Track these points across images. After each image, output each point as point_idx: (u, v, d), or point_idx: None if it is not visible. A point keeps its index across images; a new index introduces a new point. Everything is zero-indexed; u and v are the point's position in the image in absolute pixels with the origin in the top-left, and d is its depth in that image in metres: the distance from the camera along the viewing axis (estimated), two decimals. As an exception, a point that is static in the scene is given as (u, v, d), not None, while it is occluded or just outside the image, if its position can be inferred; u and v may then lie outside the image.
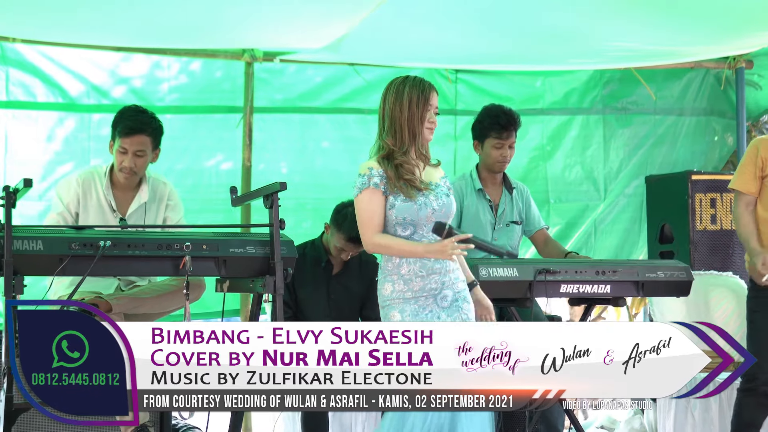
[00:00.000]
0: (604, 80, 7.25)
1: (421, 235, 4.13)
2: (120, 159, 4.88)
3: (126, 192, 4.99)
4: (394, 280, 4.13)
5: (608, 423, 6.92)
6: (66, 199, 4.91)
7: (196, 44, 6.23)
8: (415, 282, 4.11)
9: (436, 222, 4.07)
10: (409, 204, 4.11)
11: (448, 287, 4.15)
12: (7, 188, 3.95)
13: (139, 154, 4.88)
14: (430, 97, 4.18)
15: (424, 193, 4.15)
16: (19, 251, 3.91)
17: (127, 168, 4.88)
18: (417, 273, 4.11)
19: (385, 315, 4.15)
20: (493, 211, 5.58)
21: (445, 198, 4.19)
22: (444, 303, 4.14)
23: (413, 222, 4.12)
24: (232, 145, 6.45)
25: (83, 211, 4.90)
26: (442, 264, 4.13)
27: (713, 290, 6.19)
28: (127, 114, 4.92)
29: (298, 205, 6.38)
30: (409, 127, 4.15)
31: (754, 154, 4.96)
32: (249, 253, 4.25)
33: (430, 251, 4.05)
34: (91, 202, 4.92)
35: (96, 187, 4.94)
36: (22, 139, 5.98)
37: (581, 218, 7.18)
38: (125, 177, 4.92)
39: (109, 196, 4.93)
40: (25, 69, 6.01)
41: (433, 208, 4.14)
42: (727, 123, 7.46)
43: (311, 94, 6.65)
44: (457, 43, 6.27)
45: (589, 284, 4.88)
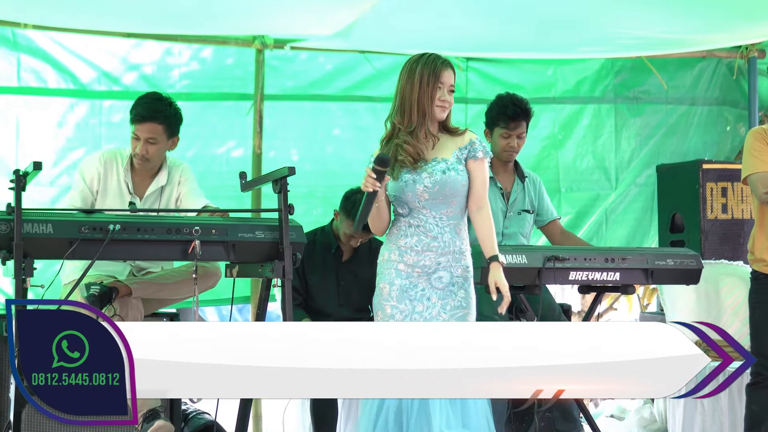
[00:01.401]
0: (615, 69, 7.23)
1: (418, 212, 4.12)
2: (134, 145, 4.93)
3: (145, 177, 5.02)
4: (391, 248, 4.15)
5: (618, 412, 6.92)
6: (88, 176, 4.95)
7: (207, 31, 6.23)
8: (409, 255, 4.11)
9: (380, 155, 4.03)
10: (393, 183, 4.12)
11: (445, 268, 4.12)
12: (17, 172, 3.98)
13: (151, 141, 4.89)
14: (441, 75, 4.14)
15: (417, 171, 4.12)
16: (29, 234, 3.94)
17: (139, 155, 4.90)
18: (413, 247, 4.11)
19: (376, 282, 4.17)
20: (504, 199, 5.58)
21: (440, 175, 4.11)
22: (438, 284, 4.12)
23: (403, 201, 4.12)
24: (242, 133, 6.45)
25: (102, 190, 4.95)
26: (440, 242, 4.11)
27: (724, 279, 6.17)
28: (142, 101, 4.96)
29: (309, 192, 6.38)
30: (418, 106, 4.12)
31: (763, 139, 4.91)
32: (258, 238, 4.27)
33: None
34: (111, 183, 4.96)
35: (117, 168, 4.98)
36: (33, 125, 5.98)
37: (592, 207, 7.17)
38: (138, 163, 4.95)
39: (127, 178, 4.97)
40: (37, 55, 6.01)
41: (424, 186, 4.10)
42: (740, 113, 7.43)
43: (322, 82, 6.64)
44: (468, 30, 6.26)
45: (599, 271, 4.87)
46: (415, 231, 4.12)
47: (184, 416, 5.24)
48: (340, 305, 5.52)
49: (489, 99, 6.87)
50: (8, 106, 5.96)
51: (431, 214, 4.12)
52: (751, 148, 4.92)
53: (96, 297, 4.56)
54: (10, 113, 5.96)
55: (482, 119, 6.67)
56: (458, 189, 4.14)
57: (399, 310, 4.06)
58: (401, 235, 4.14)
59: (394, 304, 4.07)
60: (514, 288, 4.83)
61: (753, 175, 4.88)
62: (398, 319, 4.05)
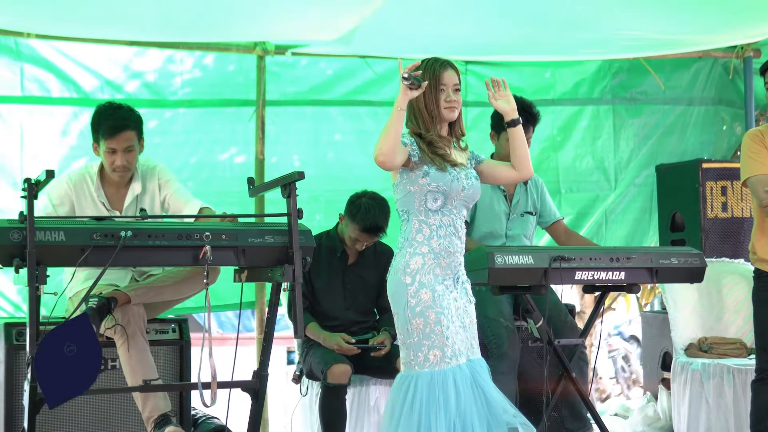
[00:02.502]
0: (613, 70, 7.28)
1: (450, 209, 4.17)
2: (111, 159, 4.87)
3: (119, 189, 4.99)
4: (424, 252, 4.14)
5: (622, 410, 6.96)
6: (56, 200, 4.91)
7: (209, 38, 6.26)
8: (443, 257, 4.15)
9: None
10: (442, 174, 4.15)
11: (458, 268, 4.22)
12: (29, 180, 3.98)
13: (129, 149, 4.87)
14: (441, 77, 4.20)
15: (457, 169, 4.20)
16: (41, 242, 3.95)
17: (120, 167, 4.87)
18: (446, 248, 4.16)
19: (411, 291, 4.09)
20: (507, 201, 5.62)
21: (474, 180, 4.26)
22: (457, 284, 4.21)
23: (446, 192, 4.15)
24: (245, 139, 6.47)
25: (79, 211, 4.90)
26: (461, 243, 4.21)
27: (725, 277, 6.23)
28: (105, 114, 4.89)
29: (311, 197, 6.40)
30: (428, 111, 4.19)
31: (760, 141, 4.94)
32: (267, 243, 4.29)
33: (398, 100, 3.99)
34: (85, 203, 4.93)
35: (88, 188, 4.94)
36: (37, 134, 6.00)
37: (592, 208, 7.21)
38: (120, 175, 4.92)
39: (101, 196, 4.94)
40: (40, 64, 6.03)
41: (463, 186, 4.19)
42: (736, 112, 7.48)
43: (323, 87, 6.67)
44: (467, 34, 6.30)
45: (604, 271, 4.90)
46: (446, 231, 4.16)
47: (194, 421, 5.25)
48: (346, 308, 5.54)
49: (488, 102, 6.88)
50: (12, 115, 5.99)
51: (459, 213, 4.21)
52: (749, 150, 4.94)
53: (94, 310, 4.57)
54: (14, 122, 5.98)
55: (482, 122, 6.76)
56: (478, 197, 4.33)
57: (444, 315, 4.09)
58: (433, 236, 4.16)
59: (439, 310, 4.08)
60: (520, 288, 4.89)
61: (752, 178, 4.90)
62: (444, 324, 4.07)
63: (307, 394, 5.59)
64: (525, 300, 4.92)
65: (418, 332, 4.08)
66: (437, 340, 4.06)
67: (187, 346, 5.08)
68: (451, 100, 4.20)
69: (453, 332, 4.10)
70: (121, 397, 4.85)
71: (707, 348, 5.97)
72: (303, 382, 5.57)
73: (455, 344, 4.09)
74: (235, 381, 4.48)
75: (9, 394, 4.76)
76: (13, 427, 4.71)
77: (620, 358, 11.99)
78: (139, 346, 4.65)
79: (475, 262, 4.75)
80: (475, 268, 4.72)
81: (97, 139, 4.89)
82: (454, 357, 4.07)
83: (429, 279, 4.11)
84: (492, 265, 4.68)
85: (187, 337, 5.09)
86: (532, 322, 4.95)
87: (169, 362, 5.04)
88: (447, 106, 4.21)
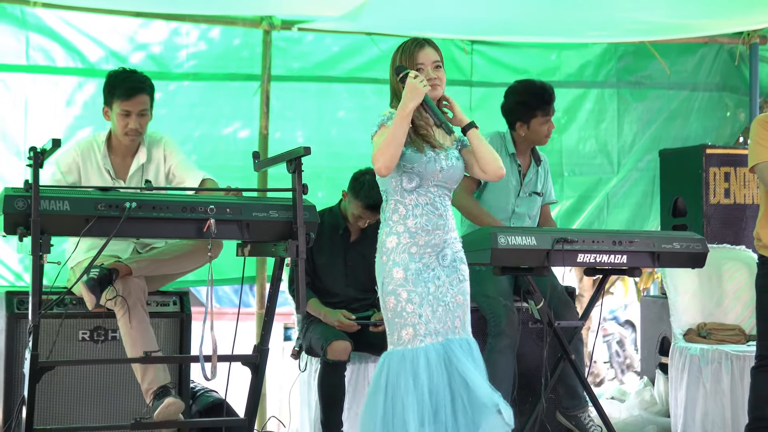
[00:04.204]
0: (618, 54, 7.26)
1: (426, 189, 4.16)
2: (123, 122, 4.88)
3: (125, 158, 5.00)
4: (399, 232, 4.16)
5: (618, 394, 6.98)
6: (65, 167, 4.92)
7: (215, 10, 6.23)
8: (420, 236, 4.15)
9: (398, 66, 4.11)
10: (418, 155, 4.14)
11: (449, 246, 4.21)
12: (34, 149, 3.99)
13: (143, 113, 4.90)
14: (416, 57, 4.20)
15: (437, 150, 4.18)
16: (46, 211, 3.95)
17: (132, 130, 4.89)
18: (423, 227, 4.15)
19: (387, 270, 4.14)
20: (520, 177, 5.62)
21: (455, 161, 4.22)
22: (444, 262, 4.20)
23: (420, 173, 4.15)
24: (249, 113, 6.46)
25: (85, 179, 4.91)
26: (445, 221, 4.19)
27: (726, 263, 6.23)
28: (121, 76, 4.93)
29: (314, 173, 6.29)
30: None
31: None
32: (272, 218, 4.29)
33: (405, 102, 4.02)
34: (91, 170, 4.94)
35: (95, 155, 4.95)
36: (42, 104, 5.98)
37: (594, 191, 7.21)
38: (131, 139, 4.93)
39: (107, 164, 4.95)
40: (45, 34, 6.00)
41: (441, 167, 4.17)
42: (740, 99, 7.48)
43: (328, 64, 6.65)
44: (474, 14, 6.28)
45: (606, 254, 4.91)
46: (423, 210, 4.16)
47: (193, 394, 5.27)
48: (347, 285, 5.55)
49: (493, 82, 6.94)
50: (17, 83, 5.96)
51: (438, 192, 4.19)
52: (757, 136, 4.92)
53: (95, 280, 4.58)
54: (19, 91, 5.96)
55: (487, 102, 6.77)
56: (461, 177, 4.30)
57: (417, 293, 4.10)
58: (409, 215, 4.16)
59: (411, 289, 4.10)
60: (523, 270, 4.90)
61: (760, 164, 4.88)
62: (416, 302, 4.09)
63: (306, 370, 5.60)
64: (526, 281, 4.93)
65: (392, 310, 4.11)
66: (409, 319, 4.07)
67: (188, 319, 5.09)
68: (431, 77, 4.18)
69: (428, 311, 4.11)
70: (120, 369, 4.87)
71: (706, 334, 5.98)
72: (302, 358, 5.58)
73: (430, 323, 4.10)
74: (236, 355, 4.50)
75: (9, 363, 4.78)
76: (13, 396, 4.72)
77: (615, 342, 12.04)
78: (139, 317, 4.66)
79: (478, 242, 4.76)
80: (478, 248, 4.73)
81: (110, 102, 4.91)
82: (428, 335, 4.08)
83: (403, 258, 4.12)
84: (495, 246, 4.69)
85: (188, 310, 5.10)
86: (533, 303, 4.96)
87: (169, 335, 5.05)
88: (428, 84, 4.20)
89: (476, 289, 5.40)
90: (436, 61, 4.22)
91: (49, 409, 4.77)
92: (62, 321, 4.70)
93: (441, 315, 4.14)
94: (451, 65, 6.87)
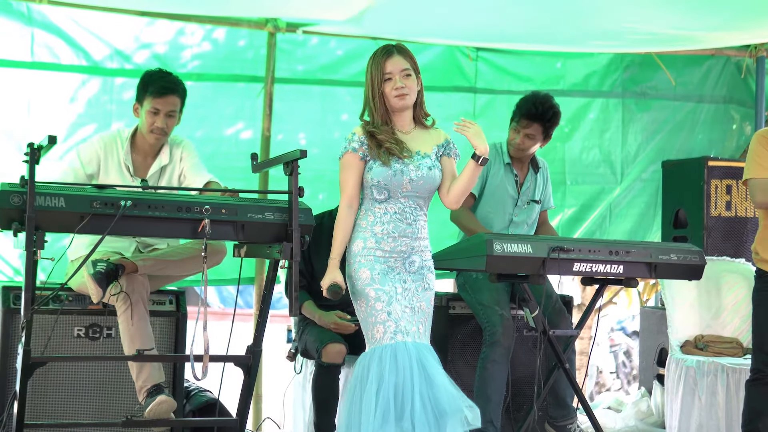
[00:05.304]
0: (624, 64, 7.26)
1: (396, 200, 4.21)
2: (151, 120, 4.94)
3: (147, 157, 5.04)
4: (366, 237, 4.22)
5: (615, 404, 6.97)
6: (86, 158, 4.96)
7: (220, 12, 6.25)
8: (386, 242, 4.21)
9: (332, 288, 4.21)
10: (383, 169, 4.18)
11: (417, 253, 4.26)
12: (31, 145, 4.00)
13: (171, 114, 4.95)
14: (384, 66, 4.23)
15: (405, 161, 4.20)
16: (41, 207, 3.95)
17: (159, 128, 4.94)
18: (390, 233, 4.21)
19: (353, 271, 4.23)
20: (517, 186, 5.62)
21: (428, 170, 4.24)
22: (411, 268, 4.26)
23: (387, 187, 4.20)
24: (252, 115, 6.47)
25: (104, 173, 4.95)
26: (414, 228, 4.23)
27: (725, 276, 6.22)
28: (156, 75, 5.00)
29: (316, 176, 6.39)
30: (378, 101, 4.23)
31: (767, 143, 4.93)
32: (267, 219, 4.29)
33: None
34: (112, 165, 4.97)
35: (118, 150, 4.99)
36: (45, 100, 6.00)
37: (597, 201, 7.21)
38: (156, 138, 4.98)
39: (128, 160, 4.98)
40: (51, 31, 6.02)
41: (410, 178, 4.21)
42: (746, 112, 7.47)
43: (332, 67, 6.66)
44: (479, 21, 6.28)
45: (602, 264, 4.90)
46: (392, 218, 4.22)
47: (187, 393, 5.28)
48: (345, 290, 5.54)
49: (497, 89, 6.95)
50: (21, 80, 5.98)
51: (408, 203, 4.24)
52: (754, 152, 4.95)
53: (102, 274, 4.59)
54: (23, 88, 5.97)
55: (490, 109, 6.79)
56: (437, 185, 4.32)
57: (384, 291, 4.16)
58: (377, 222, 4.23)
59: (378, 287, 4.17)
60: (518, 277, 4.89)
61: (752, 180, 4.93)
62: (384, 300, 4.14)
63: (301, 372, 5.61)
64: (521, 289, 4.92)
65: (363, 311, 4.18)
66: (379, 317, 4.13)
67: (183, 319, 5.11)
68: (399, 87, 4.20)
69: (398, 310, 4.14)
70: (114, 366, 4.89)
71: (703, 346, 5.97)
72: (297, 360, 5.58)
73: (400, 321, 4.13)
74: (228, 355, 4.50)
75: (4, 358, 4.80)
76: (8, 391, 4.74)
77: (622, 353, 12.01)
78: (140, 314, 4.69)
79: (473, 248, 4.76)
80: (473, 255, 4.74)
81: (142, 98, 4.96)
82: (399, 333, 4.11)
83: (369, 260, 4.19)
84: (490, 253, 4.68)
85: (183, 309, 5.12)
86: (527, 311, 4.95)
87: (164, 334, 5.07)
88: (396, 95, 4.22)
89: (472, 296, 5.43)
90: (406, 69, 4.23)
91: (42, 405, 4.80)
92: (57, 317, 4.72)
93: (409, 316, 4.18)
94: (456, 71, 6.89)
